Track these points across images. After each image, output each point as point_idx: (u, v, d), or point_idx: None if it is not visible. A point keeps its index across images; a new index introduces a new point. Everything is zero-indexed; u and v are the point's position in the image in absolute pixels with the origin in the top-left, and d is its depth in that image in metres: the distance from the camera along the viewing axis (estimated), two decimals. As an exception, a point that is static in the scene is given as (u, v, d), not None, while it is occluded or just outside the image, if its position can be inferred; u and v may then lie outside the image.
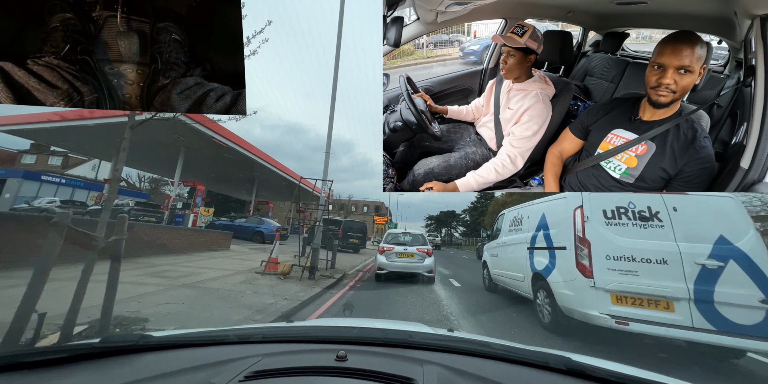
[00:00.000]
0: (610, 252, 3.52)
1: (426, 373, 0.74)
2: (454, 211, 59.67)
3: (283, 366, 0.76)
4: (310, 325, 1.33)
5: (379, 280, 7.24)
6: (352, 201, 54.90)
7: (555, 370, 0.82)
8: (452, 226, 60.50)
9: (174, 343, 0.92)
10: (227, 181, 22.61)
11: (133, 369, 0.77)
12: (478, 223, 47.08)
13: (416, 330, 1.18)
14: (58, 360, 0.77)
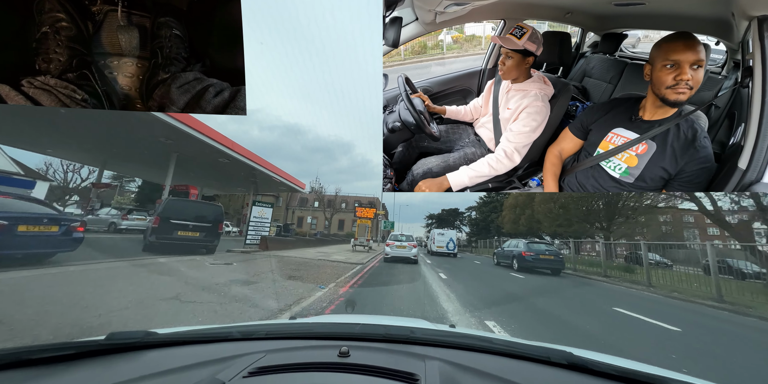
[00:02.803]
0: None
1: (428, 369, 0.74)
2: (458, 209, 54.27)
3: (286, 362, 0.76)
4: (312, 321, 1.34)
5: (387, 261, 12.29)
6: (341, 197, 45.89)
7: (557, 365, 0.82)
8: (455, 225, 54.70)
9: (178, 339, 0.93)
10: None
11: (137, 365, 0.77)
12: (490, 221, 40.59)
13: (418, 326, 1.18)
14: (63, 357, 0.77)
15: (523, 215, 27.35)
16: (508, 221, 30.59)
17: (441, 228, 31.64)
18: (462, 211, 53.91)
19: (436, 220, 55.25)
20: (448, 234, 21.24)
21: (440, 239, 20.76)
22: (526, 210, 26.89)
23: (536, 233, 29.23)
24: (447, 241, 20.53)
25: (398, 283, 6.69)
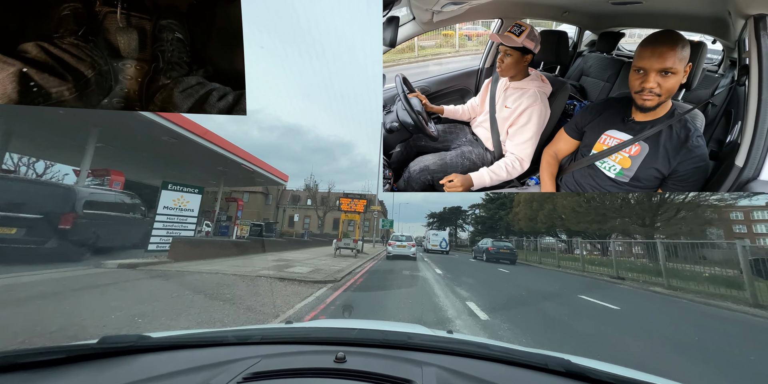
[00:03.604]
0: None
1: (425, 375, 0.74)
2: (460, 207, 50.59)
3: (281, 367, 0.76)
4: (309, 326, 1.34)
5: (389, 259, 14.45)
6: (335, 194, 37.53)
7: (554, 373, 0.82)
8: (458, 224, 51.52)
9: (172, 344, 0.91)
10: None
11: (130, 370, 0.76)
12: (498, 219, 36.66)
13: (415, 331, 1.18)
14: (55, 361, 0.76)
15: (541, 211, 24.89)
16: (523, 218, 27.64)
17: (440, 228, 34.54)
18: (465, 210, 50.84)
19: (437, 218, 52.76)
20: (441, 234, 24.79)
21: (434, 239, 24.23)
22: (546, 205, 24.31)
23: (555, 231, 27.02)
24: (440, 241, 23.90)
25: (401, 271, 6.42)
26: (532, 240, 20.43)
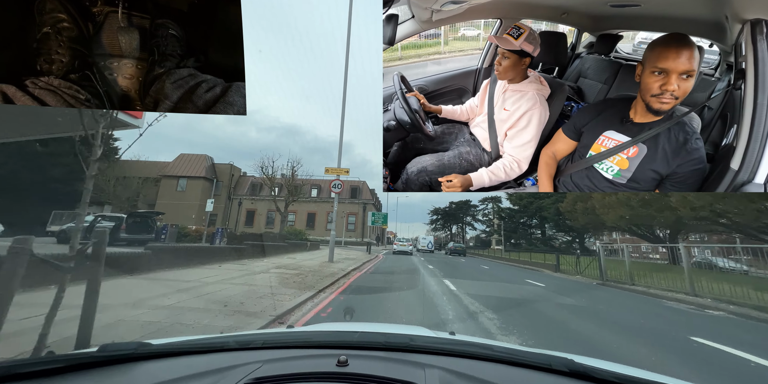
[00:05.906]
0: None
1: (428, 377, 0.74)
2: (469, 200, 43.79)
3: (284, 372, 0.75)
4: (310, 330, 1.33)
5: (395, 254, 23.34)
6: (309, 180, 31.21)
7: (558, 373, 0.81)
8: (466, 221, 44.92)
9: (173, 350, 0.91)
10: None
11: (131, 378, 0.76)
12: (533, 212, 29.94)
13: (417, 334, 1.17)
14: (55, 370, 0.75)
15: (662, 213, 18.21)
16: (582, 213, 22.60)
17: (445, 226, 49.40)
18: (474, 204, 44.92)
19: (441, 215, 48.84)
20: (428, 239, 39.81)
21: (423, 242, 39.25)
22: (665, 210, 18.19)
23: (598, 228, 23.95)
24: (427, 243, 38.19)
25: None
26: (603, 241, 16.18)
